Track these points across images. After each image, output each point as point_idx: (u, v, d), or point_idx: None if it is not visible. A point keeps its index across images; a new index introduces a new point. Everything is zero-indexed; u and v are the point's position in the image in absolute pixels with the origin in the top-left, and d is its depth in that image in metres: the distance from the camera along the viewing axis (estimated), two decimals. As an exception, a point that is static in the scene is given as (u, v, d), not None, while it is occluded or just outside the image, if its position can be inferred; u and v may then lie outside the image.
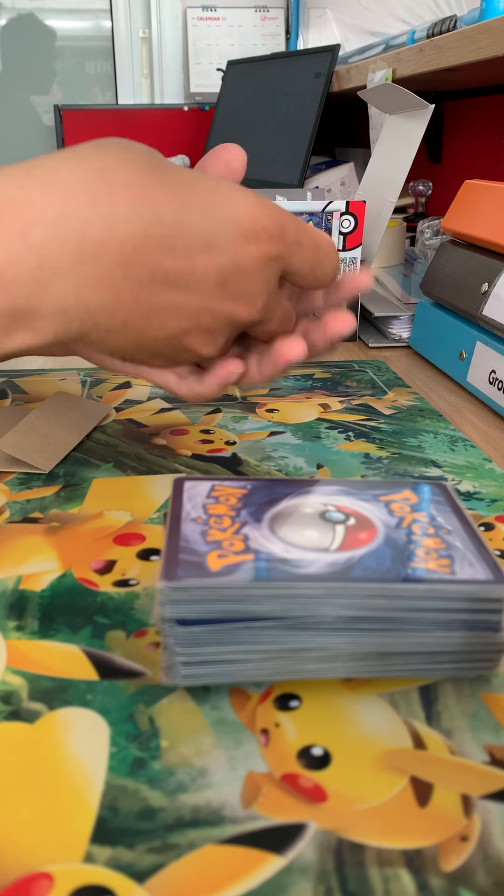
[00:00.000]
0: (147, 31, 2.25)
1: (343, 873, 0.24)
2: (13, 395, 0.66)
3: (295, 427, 0.59)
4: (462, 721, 0.30)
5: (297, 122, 1.26)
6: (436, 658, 0.31)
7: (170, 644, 0.30)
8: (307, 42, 1.96)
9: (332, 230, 0.80)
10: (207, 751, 0.29)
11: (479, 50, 0.79)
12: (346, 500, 0.36)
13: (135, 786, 0.27)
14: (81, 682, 0.32)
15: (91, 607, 0.37)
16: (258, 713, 0.31)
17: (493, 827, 0.26)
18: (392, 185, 0.83)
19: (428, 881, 0.24)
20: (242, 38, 2.12)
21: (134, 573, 0.40)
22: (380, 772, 0.28)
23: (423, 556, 0.32)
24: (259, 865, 0.24)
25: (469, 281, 0.68)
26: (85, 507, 0.47)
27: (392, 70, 1.03)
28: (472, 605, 0.30)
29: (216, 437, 0.57)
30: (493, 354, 0.62)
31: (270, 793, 0.27)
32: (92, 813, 0.26)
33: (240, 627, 0.30)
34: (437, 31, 0.98)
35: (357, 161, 1.39)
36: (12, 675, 0.33)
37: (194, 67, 2.12)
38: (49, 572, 0.40)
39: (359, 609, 0.30)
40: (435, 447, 0.56)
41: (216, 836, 0.25)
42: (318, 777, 0.28)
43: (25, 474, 0.51)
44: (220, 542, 0.32)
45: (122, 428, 0.59)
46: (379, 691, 0.32)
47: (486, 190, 0.71)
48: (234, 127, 1.53)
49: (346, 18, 1.79)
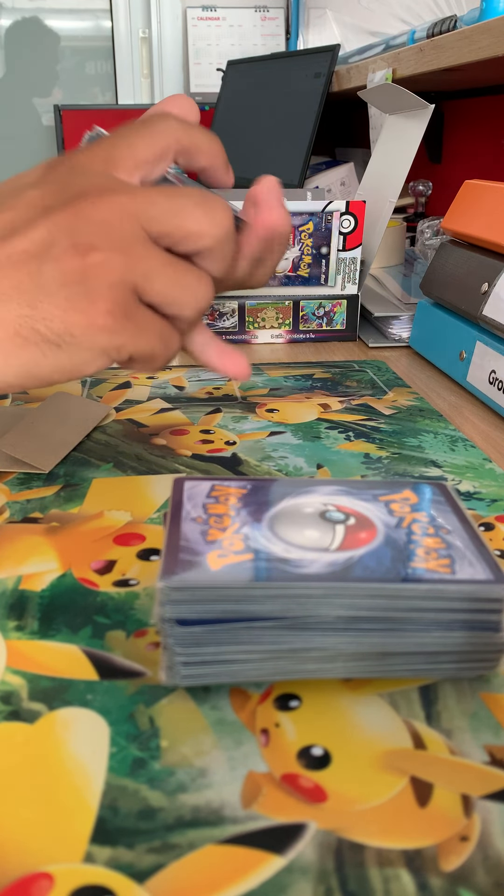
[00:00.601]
0: (147, 31, 2.25)
1: (343, 873, 0.24)
2: (13, 395, 0.66)
3: (295, 427, 0.59)
4: (462, 721, 0.30)
5: (297, 122, 1.26)
6: (436, 658, 0.31)
7: (170, 644, 0.30)
8: (307, 42, 1.96)
9: (332, 230, 0.80)
10: (207, 751, 0.29)
11: (479, 50, 0.79)
12: (346, 500, 0.36)
13: (135, 786, 0.27)
14: (81, 682, 0.32)
15: (91, 607, 0.37)
16: (258, 713, 0.31)
17: (493, 827, 0.26)
18: (392, 185, 0.83)
19: (428, 881, 0.24)
20: (242, 38, 2.12)
21: (134, 573, 0.40)
22: (380, 772, 0.28)
23: (423, 555, 0.32)
24: (259, 865, 0.24)
25: (469, 281, 0.68)
26: (85, 507, 0.47)
27: (392, 70, 1.03)
28: (472, 605, 0.30)
29: (216, 437, 0.57)
30: (493, 354, 0.62)
31: (270, 793, 0.27)
32: (92, 813, 0.26)
33: (240, 627, 0.30)
34: (437, 31, 0.98)
35: (357, 161, 1.39)
36: (12, 675, 0.33)
37: (194, 67, 2.12)
38: (49, 572, 0.40)
39: (359, 609, 0.30)
40: (435, 447, 0.56)
41: (216, 836, 0.25)
42: (318, 777, 0.28)
43: (25, 474, 0.51)
44: (220, 542, 0.32)
45: (122, 428, 0.59)
46: (379, 691, 0.32)
47: (486, 190, 0.71)
48: (234, 127, 1.53)
49: (346, 18, 1.79)
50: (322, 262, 0.81)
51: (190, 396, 0.66)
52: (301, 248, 0.81)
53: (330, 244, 0.81)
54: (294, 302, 0.82)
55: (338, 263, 0.81)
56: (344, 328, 0.84)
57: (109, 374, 0.71)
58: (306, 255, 0.81)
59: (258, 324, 0.83)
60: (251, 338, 0.83)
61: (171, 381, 0.70)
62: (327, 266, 0.81)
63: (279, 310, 0.83)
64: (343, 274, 0.82)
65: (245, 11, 2.11)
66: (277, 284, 0.82)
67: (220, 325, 0.82)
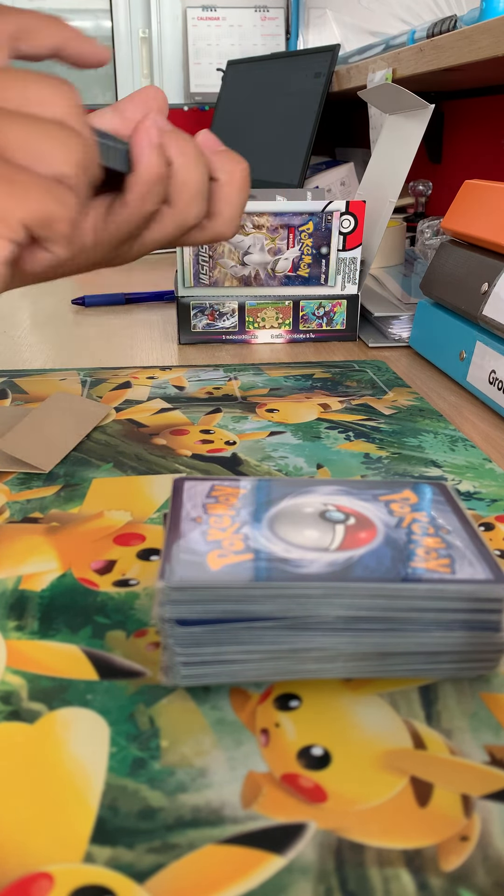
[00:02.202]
0: (147, 31, 2.25)
1: (343, 873, 0.24)
2: (13, 395, 0.66)
3: (295, 427, 0.59)
4: (462, 721, 0.30)
5: (297, 123, 1.26)
6: (436, 658, 0.31)
7: (170, 644, 0.30)
8: (307, 42, 1.96)
9: (332, 230, 0.80)
10: (207, 751, 0.29)
11: (479, 50, 0.79)
12: (346, 500, 0.36)
13: (135, 786, 0.27)
14: (81, 682, 0.32)
15: (91, 607, 0.37)
16: (258, 713, 0.31)
17: (493, 827, 0.26)
18: (392, 185, 0.83)
19: (428, 881, 0.24)
20: (242, 38, 2.12)
21: (134, 573, 0.40)
22: (380, 772, 0.28)
23: (423, 555, 0.32)
24: (259, 865, 0.24)
25: (469, 281, 0.68)
26: (85, 507, 0.47)
27: (392, 70, 1.03)
28: (472, 604, 0.30)
29: (216, 437, 0.57)
30: (493, 354, 0.62)
31: (270, 793, 0.27)
32: (92, 813, 0.26)
33: (240, 627, 0.30)
34: (437, 31, 0.98)
35: (357, 161, 1.39)
36: (12, 675, 0.33)
37: (194, 67, 2.12)
38: (49, 572, 0.40)
39: (359, 609, 0.30)
40: (435, 447, 0.56)
41: (216, 836, 0.25)
42: (318, 777, 0.28)
43: (25, 474, 0.51)
44: (220, 542, 0.32)
45: (122, 428, 0.59)
46: (379, 691, 0.32)
47: (486, 190, 0.71)
48: (234, 127, 1.53)
49: (346, 18, 1.79)
50: (322, 262, 0.81)
51: (190, 396, 0.66)
52: (301, 248, 0.81)
53: (330, 244, 0.81)
54: (294, 302, 0.82)
55: (338, 263, 0.81)
56: (344, 328, 0.84)
57: (109, 374, 0.71)
58: (306, 255, 0.81)
59: (258, 324, 0.83)
60: (251, 338, 0.83)
61: (172, 382, 0.70)
62: (327, 266, 0.81)
63: (279, 310, 0.83)
64: (343, 274, 0.82)
65: (245, 11, 2.12)
66: (277, 284, 0.82)
67: (220, 324, 0.82)
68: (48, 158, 0.29)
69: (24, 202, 0.28)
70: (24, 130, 0.28)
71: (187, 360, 0.77)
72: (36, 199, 0.28)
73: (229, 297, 0.82)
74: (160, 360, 0.77)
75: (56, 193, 0.29)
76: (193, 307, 0.81)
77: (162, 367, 0.74)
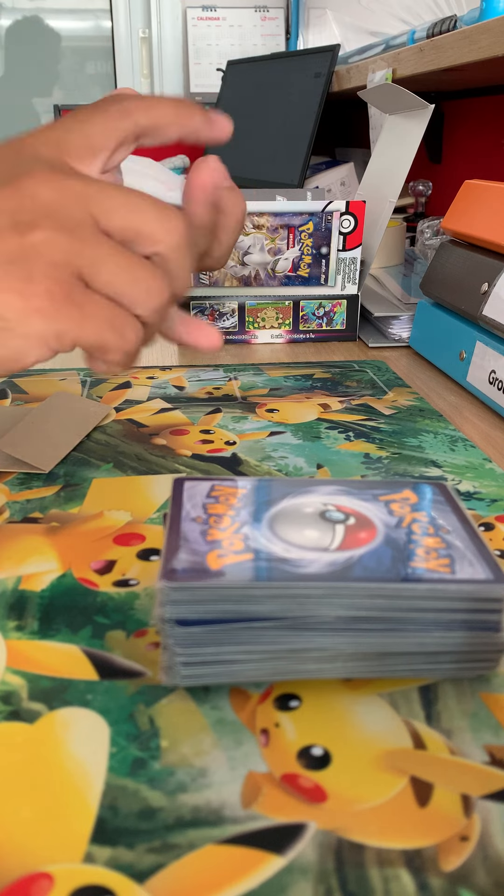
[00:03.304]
0: (147, 31, 2.25)
1: (343, 873, 0.24)
2: (13, 395, 0.66)
3: (295, 427, 0.59)
4: (462, 721, 0.30)
5: (297, 122, 1.26)
6: (436, 658, 0.31)
7: (170, 644, 0.30)
8: (307, 42, 1.96)
9: (332, 230, 0.80)
10: (207, 751, 0.29)
11: (479, 50, 0.79)
12: (346, 500, 0.36)
13: (135, 786, 0.27)
14: (81, 682, 0.32)
15: (91, 607, 0.37)
16: (258, 713, 0.31)
17: (493, 827, 0.26)
18: (392, 185, 0.83)
19: (428, 881, 0.24)
20: (242, 38, 2.12)
21: (134, 573, 0.40)
22: (380, 772, 0.28)
23: (423, 555, 0.32)
24: (259, 865, 0.24)
25: (469, 281, 0.68)
26: (85, 507, 0.47)
27: (392, 70, 1.02)
28: (472, 604, 0.30)
29: (216, 437, 0.57)
30: (493, 354, 0.62)
31: (270, 793, 0.27)
32: (92, 813, 0.26)
33: (240, 628, 0.30)
34: (437, 31, 0.98)
35: (357, 161, 1.39)
36: (12, 675, 0.33)
37: (194, 67, 2.12)
38: (49, 572, 0.40)
39: (359, 609, 0.30)
40: (435, 447, 0.56)
41: (216, 836, 0.25)
42: (318, 777, 0.28)
43: (25, 474, 0.51)
44: (220, 542, 0.32)
45: (122, 428, 0.59)
46: (379, 691, 0.32)
47: (486, 190, 0.71)
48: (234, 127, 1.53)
49: (346, 18, 1.79)
50: (322, 262, 0.81)
51: (190, 396, 0.66)
52: (301, 248, 0.81)
53: (330, 244, 0.81)
54: (294, 302, 0.82)
55: (338, 263, 0.81)
56: (344, 328, 0.84)
57: (109, 374, 0.71)
58: (306, 255, 0.81)
59: (258, 324, 0.83)
60: (251, 338, 0.83)
61: (172, 382, 0.70)
62: (327, 266, 0.81)
63: (279, 310, 0.83)
64: (343, 274, 0.82)
65: (245, 11, 2.11)
66: (277, 284, 0.82)
67: (220, 324, 0.82)
68: (128, 300, 0.30)
69: (82, 329, 0.29)
70: (116, 268, 0.29)
71: (187, 360, 0.77)
72: (94, 329, 0.29)
73: (229, 297, 0.82)
74: (160, 360, 0.77)
75: (119, 326, 0.29)
76: (193, 307, 0.81)
77: (162, 367, 0.74)
